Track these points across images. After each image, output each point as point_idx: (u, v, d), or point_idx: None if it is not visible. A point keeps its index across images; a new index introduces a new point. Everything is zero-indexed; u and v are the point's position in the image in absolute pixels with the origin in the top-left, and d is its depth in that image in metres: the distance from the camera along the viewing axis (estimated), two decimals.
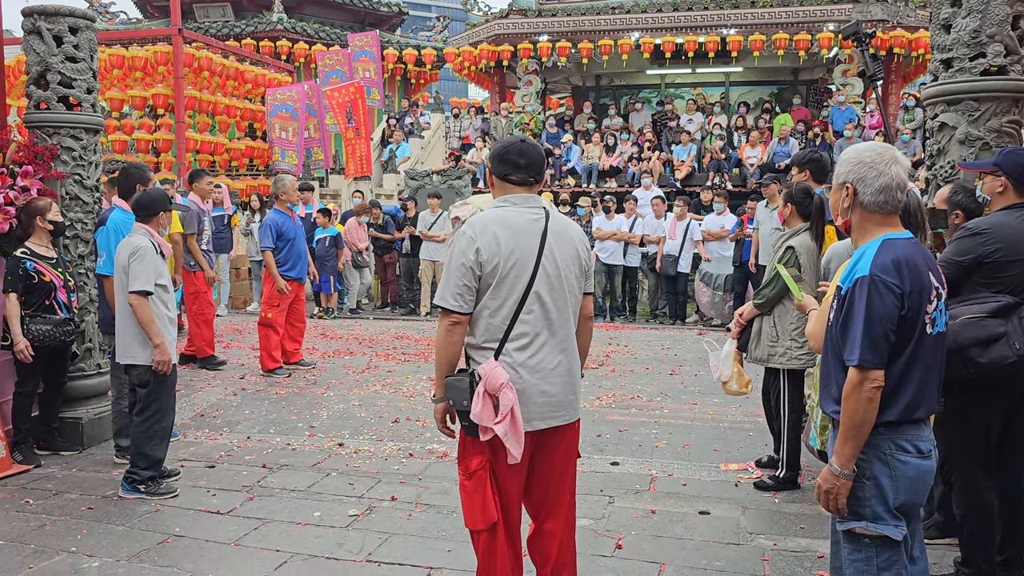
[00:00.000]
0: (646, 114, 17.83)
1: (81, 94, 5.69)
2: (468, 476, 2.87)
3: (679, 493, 4.72)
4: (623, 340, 10.14)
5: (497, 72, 18.97)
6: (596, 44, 16.54)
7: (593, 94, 19.96)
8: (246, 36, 19.89)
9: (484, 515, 2.84)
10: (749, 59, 16.63)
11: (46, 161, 5.53)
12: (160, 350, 4.61)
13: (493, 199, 3.00)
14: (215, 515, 4.39)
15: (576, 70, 18.77)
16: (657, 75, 19.13)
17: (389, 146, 17.11)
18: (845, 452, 2.37)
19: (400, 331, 11.05)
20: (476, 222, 2.85)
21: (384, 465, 5.23)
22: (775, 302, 4.71)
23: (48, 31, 5.55)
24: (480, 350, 2.85)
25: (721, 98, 18.55)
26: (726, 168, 15.02)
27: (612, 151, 15.95)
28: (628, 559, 3.83)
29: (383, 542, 4.02)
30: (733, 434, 5.93)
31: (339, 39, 19.94)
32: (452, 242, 2.89)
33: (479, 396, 2.73)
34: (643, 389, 7.37)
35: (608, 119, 17.58)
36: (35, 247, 5.25)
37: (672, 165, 15.47)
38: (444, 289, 2.82)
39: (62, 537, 4.10)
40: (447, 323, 2.83)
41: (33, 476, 5.05)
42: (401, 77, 22.00)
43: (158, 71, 12.74)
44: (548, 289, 2.85)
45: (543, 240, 2.85)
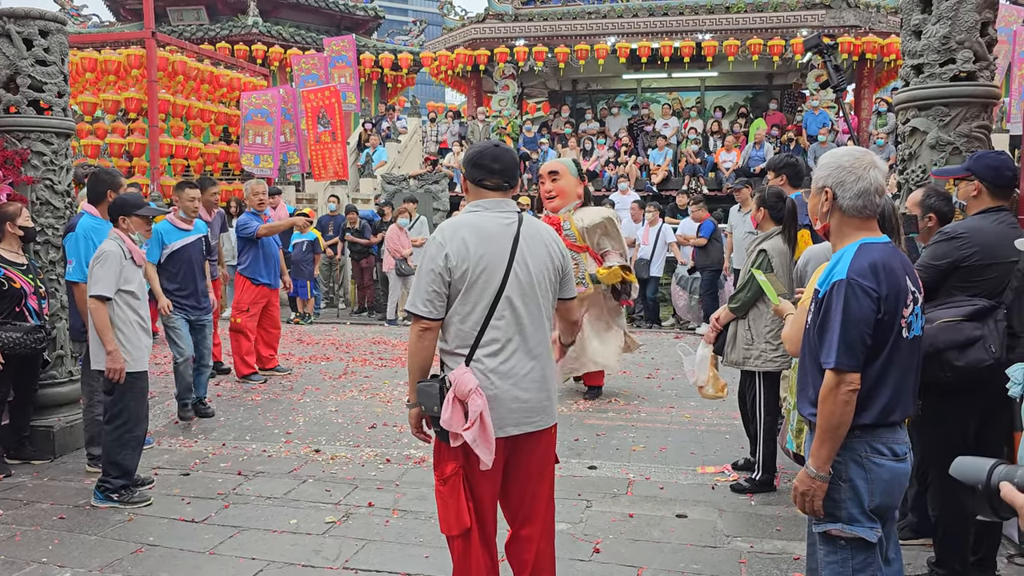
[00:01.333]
0: (622, 118, 17.90)
1: (52, 98, 5.63)
2: (443, 482, 2.87)
3: (656, 496, 4.73)
4: None
5: (474, 76, 18.98)
6: (573, 49, 16.59)
7: (570, 98, 20.02)
8: (221, 40, 19.75)
9: (458, 521, 2.83)
10: (724, 64, 16.76)
11: (16, 166, 5.46)
12: (112, 357, 4.55)
13: (467, 203, 3.00)
14: (190, 523, 4.34)
15: (553, 74, 18.83)
16: (633, 80, 19.22)
17: (366, 150, 17.05)
18: (821, 454, 2.39)
19: (377, 336, 11.01)
20: (446, 227, 2.86)
21: (361, 471, 5.20)
22: (750, 306, 4.74)
23: (18, 34, 5.48)
24: (452, 356, 2.84)
25: (697, 103, 18.68)
26: (702, 172, 15.11)
27: (589, 155, 16.00)
28: (606, 563, 3.83)
29: (360, 549, 3.99)
30: (710, 437, 5.95)
31: (315, 43, 19.85)
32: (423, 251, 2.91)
33: (448, 402, 2.73)
34: (620, 393, 7.39)
35: (585, 123, 17.64)
36: (5, 253, 5.16)
37: (648, 169, 15.54)
38: (414, 295, 2.82)
39: (33, 547, 4.03)
40: (418, 329, 2.83)
41: (3, 486, 4.96)
42: (378, 81, 21.94)
43: (131, 75, 12.61)
44: (520, 294, 2.83)
45: (515, 245, 2.84)
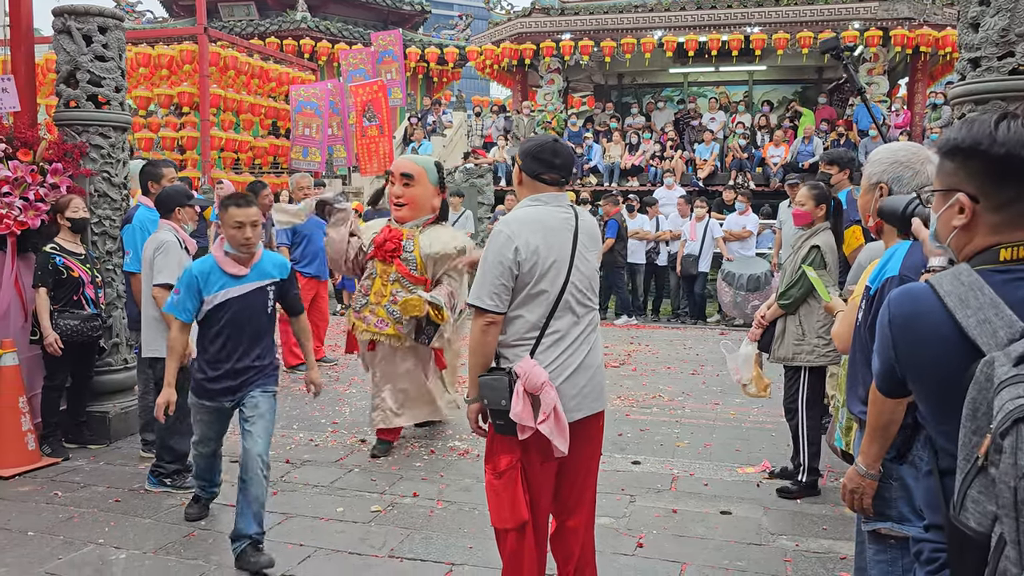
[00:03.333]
0: (668, 113, 17.76)
1: (109, 92, 5.77)
2: (497, 475, 2.87)
3: (700, 493, 4.71)
4: (645, 339, 10.12)
5: (519, 70, 18.97)
6: (619, 42, 16.48)
7: (615, 93, 19.90)
8: (270, 35, 20.03)
9: (513, 514, 2.83)
10: (773, 57, 16.51)
11: (75, 159, 5.61)
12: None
13: (520, 195, 3.01)
14: None
15: (598, 68, 18.73)
16: (680, 73, 19.05)
17: (411, 144, 17.16)
18: (871, 452, 2.36)
19: None
20: (511, 221, 2.85)
21: (406, 462, 5.26)
22: (801, 302, 4.68)
23: (78, 30, 5.62)
24: (513, 348, 2.84)
25: (744, 97, 18.44)
26: (748, 167, 14.95)
27: (634, 150, 15.92)
28: (649, 558, 3.83)
29: (405, 538, 4.05)
30: (755, 434, 5.90)
31: (362, 38, 20.03)
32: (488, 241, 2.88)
33: (518, 395, 2.72)
34: (664, 388, 7.36)
35: (630, 118, 17.54)
36: (64, 243, 5.32)
37: (695, 164, 15.42)
38: (480, 288, 2.80)
39: (90, 529, 4.16)
40: (482, 323, 2.81)
41: (62, 469, 5.12)
42: (423, 75, 22.06)
43: (184, 69, 12.87)
44: (579, 287, 2.88)
45: (575, 239, 2.88)
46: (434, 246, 5.22)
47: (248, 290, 3.83)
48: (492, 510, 2.92)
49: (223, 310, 3.80)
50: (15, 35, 5.89)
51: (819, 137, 14.63)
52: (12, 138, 5.53)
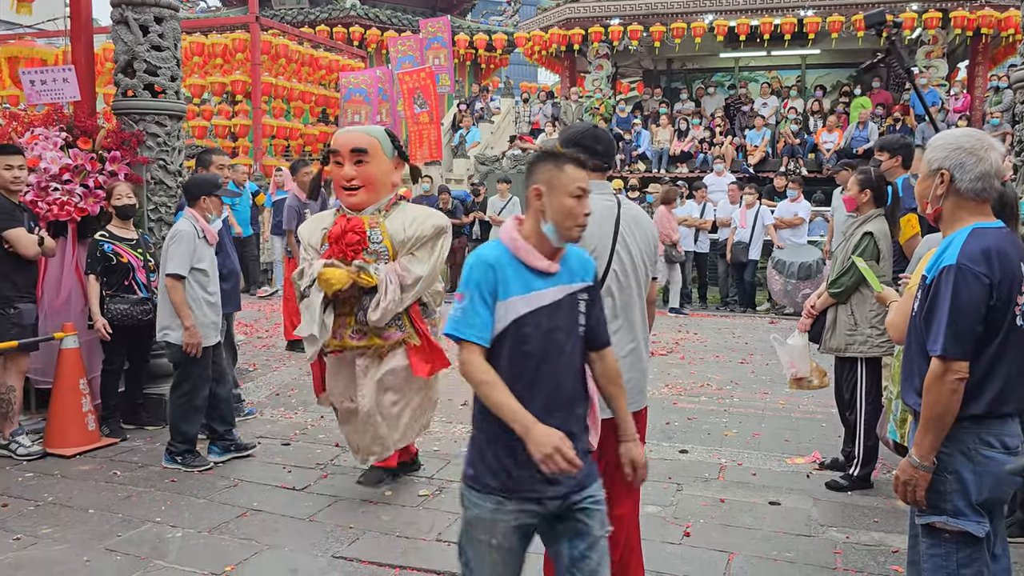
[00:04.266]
0: (719, 98, 17.51)
1: (165, 82, 5.88)
2: None
3: (749, 482, 4.68)
4: (693, 327, 10.04)
5: (567, 56, 18.87)
6: (668, 27, 16.30)
7: (664, 78, 19.70)
8: (320, 23, 20.21)
9: None
10: (827, 41, 16.17)
11: (133, 147, 5.74)
12: (190, 332, 4.76)
13: None
14: (291, 491, 4.52)
15: (648, 54, 18.55)
16: (731, 58, 18.76)
17: (459, 131, 17.22)
18: (925, 444, 2.32)
19: None
20: None
21: (453, 447, 5.30)
22: (852, 291, 4.59)
23: (135, 21, 5.74)
24: None
25: (797, 81, 18.10)
26: (801, 153, 14.69)
27: (684, 136, 15.74)
28: (696, 547, 3.82)
29: (453, 522, 4.08)
30: (805, 424, 5.83)
31: (411, 25, 20.10)
32: None
33: None
34: (713, 377, 7.30)
35: (680, 103, 17.34)
36: (115, 230, 5.44)
37: (745, 150, 15.20)
38: None
39: (147, 507, 4.28)
40: None
41: (120, 449, 5.27)
42: (471, 62, 22.08)
43: (236, 58, 13.08)
44: (622, 276, 2.85)
45: (617, 227, 2.85)
46: (409, 229, 4.19)
47: (560, 296, 2.39)
48: None
49: (525, 329, 2.34)
50: (75, 26, 6.05)
51: (874, 122, 14.31)
52: (72, 127, 5.69)
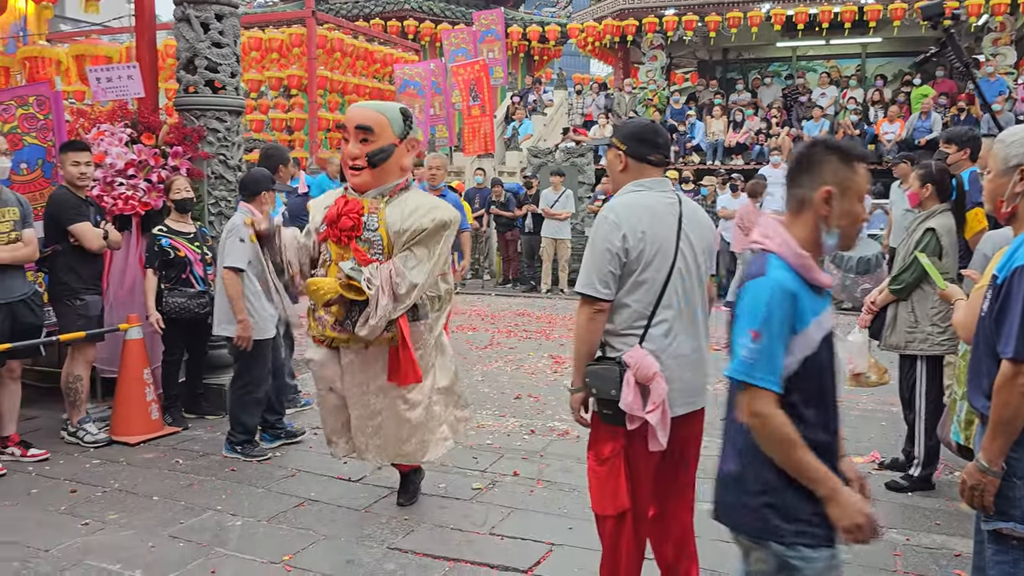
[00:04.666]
0: (775, 89, 17.22)
1: (225, 78, 5.99)
2: (600, 462, 2.86)
3: None
4: None
5: (621, 47, 18.74)
6: (724, 16, 16.07)
7: (720, 68, 19.42)
8: (375, 16, 20.35)
9: (615, 501, 2.83)
10: (888, 29, 15.77)
11: (194, 142, 5.86)
12: (242, 326, 4.85)
13: (621, 182, 2.94)
14: (347, 482, 4.59)
15: (703, 44, 18.31)
16: (788, 48, 18.43)
17: (512, 123, 17.21)
18: (994, 448, 2.25)
19: (521, 308, 11.17)
20: (617, 207, 2.81)
21: (507, 441, 5.32)
22: (913, 287, 4.49)
23: (196, 18, 5.85)
24: (622, 337, 2.80)
25: (857, 70, 17.70)
26: (860, 145, 14.35)
27: (739, 127, 15.50)
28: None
29: (506, 516, 4.11)
30: (864, 423, 5.71)
31: (464, 17, 20.13)
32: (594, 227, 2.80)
33: (629, 385, 2.69)
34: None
35: (735, 94, 17.09)
36: (173, 224, 5.55)
37: (803, 141, 14.90)
38: (588, 275, 2.75)
39: (208, 496, 4.38)
40: (591, 311, 2.77)
41: (182, 437, 5.41)
42: (524, 54, 22.02)
43: (293, 53, 13.23)
44: (685, 274, 2.82)
45: (679, 225, 2.83)
46: (407, 221, 3.77)
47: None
48: (593, 495, 2.91)
49: (819, 360, 2.07)
50: (139, 24, 6.20)
51: (937, 112, 13.91)
52: (137, 123, 5.84)
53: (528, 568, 3.55)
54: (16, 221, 4.82)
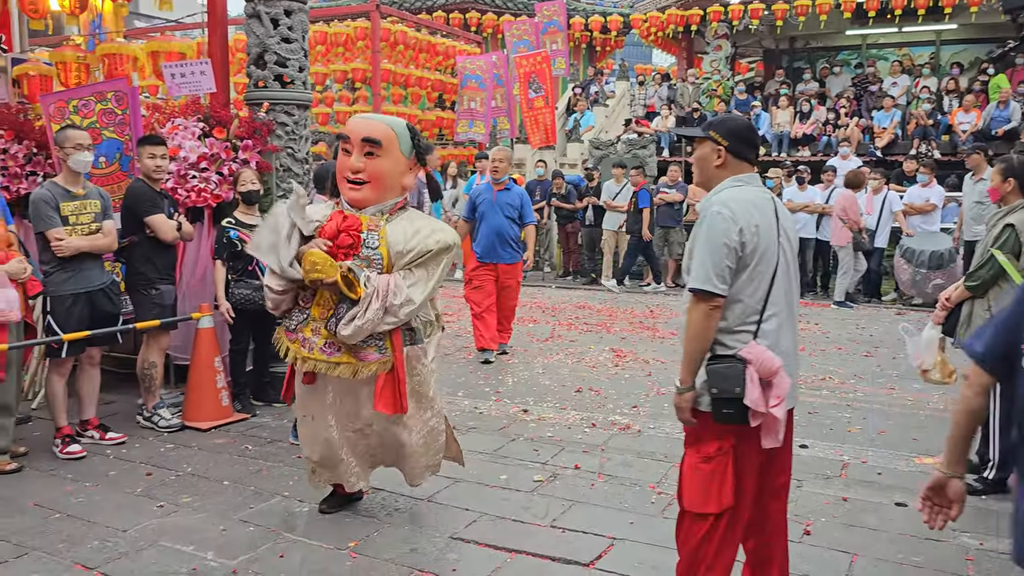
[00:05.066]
0: (845, 78, 16.78)
1: (294, 72, 6.10)
2: (706, 460, 2.79)
3: (874, 482, 4.51)
4: (814, 318, 9.72)
5: (685, 37, 18.51)
6: (792, 4, 15.72)
7: (786, 58, 19.02)
8: (437, 8, 20.46)
9: (719, 499, 2.77)
10: (965, 15, 15.24)
11: (263, 135, 5.99)
12: None
13: (714, 176, 2.90)
14: None
15: (769, 33, 17.96)
16: (858, 35, 17.94)
17: (574, 115, 17.14)
18: None
19: (582, 301, 11.15)
20: (730, 201, 2.76)
21: (567, 433, 5.33)
22: (990, 284, 4.35)
23: (266, 14, 5.96)
24: (733, 334, 2.74)
25: (930, 59, 17.14)
26: (934, 135, 13.92)
27: (806, 118, 15.17)
28: (817, 546, 3.72)
29: (567, 509, 4.12)
30: (935, 423, 5.56)
31: (526, 8, 20.09)
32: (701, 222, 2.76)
33: (753, 381, 2.66)
34: (835, 371, 7.06)
35: (802, 84, 16.71)
36: (241, 216, 5.69)
37: (872, 132, 14.53)
38: (705, 271, 2.69)
39: (276, 481, 4.49)
40: (707, 307, 2.70)
41: (250, 424, 5.55)
42: (586, 45, 21.90)
43: (357, 46, 13.41)
44: (784, 271, 2.82)
45: (777, 219, 2.84)
46: (412, 241, 3.64)
47: None
48: (691, 493, 2.83)
49: None
50: (212, 21, 6.36)
51: (1016, 101, 13.39)
52: (209, 117, 5.99)
53: (590, 561, 3.55)
54: (97, 213, 5.01)
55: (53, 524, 3.91)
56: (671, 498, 4.22)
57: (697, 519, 2.84)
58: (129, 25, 13.15)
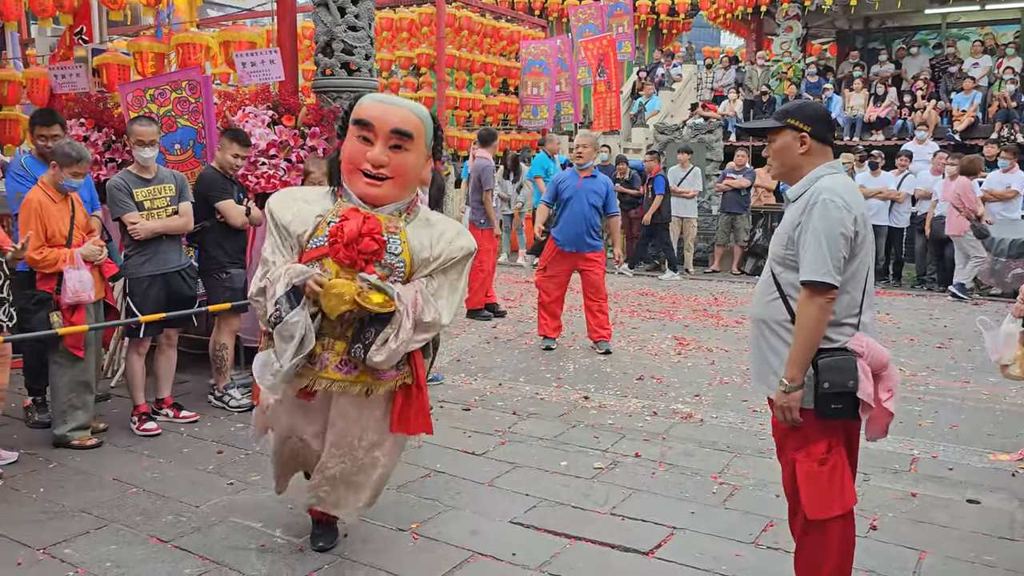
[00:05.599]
0: (922, 59, 16.21)
1: (360, 60, 6.17)
2: (821, 462, 2.72)
3: (945, 477, 4.39)
4: (884, 307, 9.46)
5: (754, 18, 18.11)
6: None
7: (861, 38, 18.45)
8: None
9: (843, 500, 2.72)
10: None
11: (330, 123, 6.08)
12: None
13: (800, 164, 2.80)
14: (471, 455, 4.71)
15: (843, 13, 17.44)
16: (937, 14, 17.30)
17: (639, 99, 16.95)
18: None
19: (644, 288, 11.06)
20: (839, 189, 2.67)
21: (628, 421, 5.32)
22: None
23: (334, 3, 6.04)
24: (838, 327, 2.69)
25: (1015, 38, 16.43)
26: (1017, 118, 13.35)
27: (881, 100, 14.70)
28: (883, 542, 3.64)
29: (627, 497, 4.12)
30: (1011, 418, 5.39)
31: None
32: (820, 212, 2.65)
33: (865, 374, 2.61)
34: (906, 362, 6.87)
35: (877, 65, 16.20)
36: None
37: (951, 115, 14.02)
38: (823, 263, 2.60)
39: None
40: (824, 300, 2.62)
41: None
42: (652, 27, 21.59)
43: (422, 32, 13.50)
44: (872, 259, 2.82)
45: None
46: (436, 247, 3.20)
47: None
48: (815, 500, 2.73)
49: None
50: (281, 10, 6.47)
51: None
52: (278, 104, 6.10)
53: (649, 550, 3.55)
54: (172, 196, 5.17)
55: (130, 498, 4.07)
56: (732, 488, 4.20)
57: (824, 526, 2.76)
58: (201, 12, 13.46)
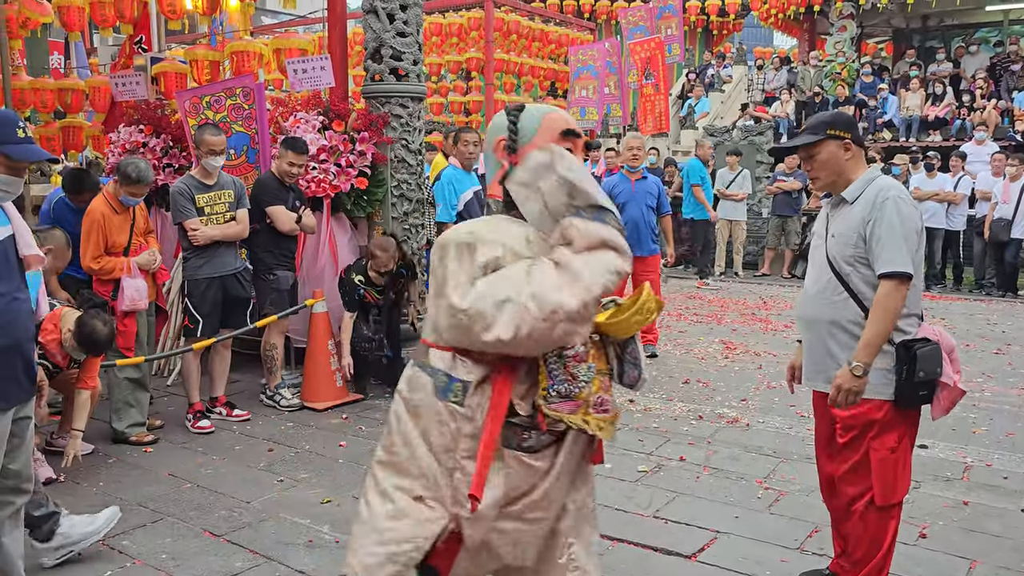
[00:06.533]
0: (982, 57, 15.79)
1: (408, 66, 6.25)
2: (892, 450, 2.87)
3: (999, 486, 4.29)
4: (940, 312, 9.26)
5: (807, 18, 17.86)
6: None
7: (918, 37, 18.06)
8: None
9: (904, 484, 2.91)
10: None
11: (379, 128, 6.17)
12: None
13: (847, 170, 2.92)
14: None
15: (899, 11, 17.08)
16: (999, 11, 16.85)
17: (688, 101, 16.83)
18: None
19: (692, 291, 10.99)
20: (899, 187, 2.88)
21: (673, 425, 5.30)
22: None
23: (383, 9, 6.13)
24: (906, 318, 2.83)
25: None
26: None
27: (939, 100, 14.36)
28: (933, 550, 3.58)
29: (671, 500, 4.11)
30: None
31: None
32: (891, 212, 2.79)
33: (947, 360, 2.80)
34: (961, 368, 6.70)
35: (934, 64, 15.84)
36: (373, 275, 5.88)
37: (1012, 115, 13.64)
38: (903, 255, 2.76)
39: None
40: (904, 292, 2.78)
41: (364, 406, 5.77)
42: (702, 29, 21.42)
43: (471, 36, 13.59)
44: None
45: None
46: None
47: None
48: (886, 487, 2.87)
49: None
50: (332, 17, 6.60)
51: None
52: (328, 110, 6.22)
53: (692, 554, 3.54)
54: (230, 202, 5.33)
55: (185, 493, 4.20)
56: (778, 493, 4.17)
57: (888, 511, 2.90)
58: (256, 20, 13.77)
